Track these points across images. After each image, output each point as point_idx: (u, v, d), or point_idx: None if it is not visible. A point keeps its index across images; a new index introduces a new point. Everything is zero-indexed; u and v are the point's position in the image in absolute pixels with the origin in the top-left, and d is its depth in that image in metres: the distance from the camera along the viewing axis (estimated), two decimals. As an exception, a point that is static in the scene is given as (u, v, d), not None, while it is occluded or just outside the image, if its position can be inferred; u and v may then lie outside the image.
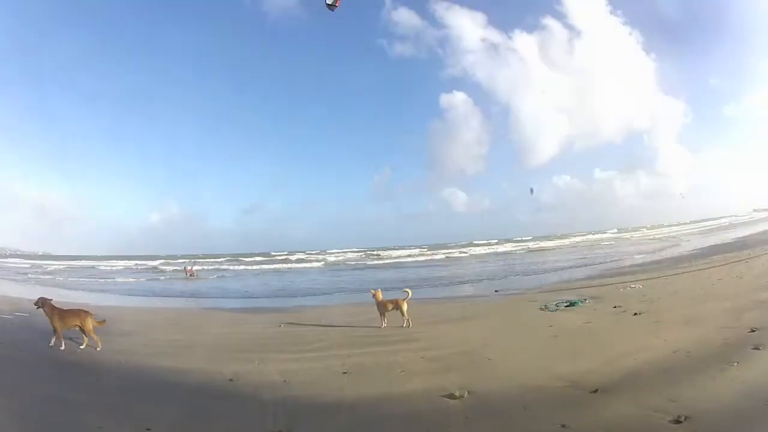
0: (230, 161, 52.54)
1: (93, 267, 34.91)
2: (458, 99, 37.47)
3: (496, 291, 14.58)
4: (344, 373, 6.00)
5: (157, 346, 7.90)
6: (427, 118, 47.72)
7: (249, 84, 49.21)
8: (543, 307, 9.89)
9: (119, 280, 26.38)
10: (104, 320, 7.77)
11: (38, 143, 47.51)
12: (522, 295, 12.97)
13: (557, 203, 43.25)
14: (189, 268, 29.20)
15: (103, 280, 25.85)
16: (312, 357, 6.96)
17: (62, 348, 7.13)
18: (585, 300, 10.06)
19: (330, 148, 51.97)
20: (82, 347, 7.31)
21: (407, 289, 9.59)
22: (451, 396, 4.77)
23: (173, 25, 47.67)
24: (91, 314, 7.53)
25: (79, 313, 7.41)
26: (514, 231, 50.28)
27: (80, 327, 7.33)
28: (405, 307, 9.15)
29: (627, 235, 41.86)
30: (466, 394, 4.78)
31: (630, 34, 34.30)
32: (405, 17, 37.13)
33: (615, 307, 9.08)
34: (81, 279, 26.29)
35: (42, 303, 7.31)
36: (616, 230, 45.82)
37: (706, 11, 37.75)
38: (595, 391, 4.50)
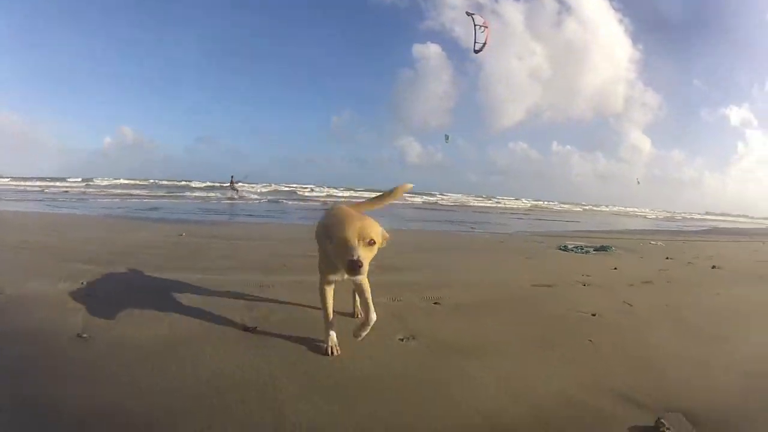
0: (189, 89, 49.94)
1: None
2: (432, 51, 34.25)
3: (472, 228, 11.68)
4: (246, 329, 2.48)
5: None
6: (397, 66, 44.37)
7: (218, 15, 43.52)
8: (563, 247, 6.97)
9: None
10: None
11: None
12: (510, 235, 10.10)
13: (509, 168, 42.52)
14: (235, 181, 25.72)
15: None
16: (195, 281, 3.53)
17: None
18: (613, 248, 7.32)
19: (290, 87, 49.73)
20: None
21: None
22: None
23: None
24: None
25: None
26: (463, 188, 48.10)
27: None
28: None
29: (577, 209, 41.35)
30: None
31: (621, 21, 33.10)
32: (391, -39, 31.86)
33: (667, 258, 6.44)
34: None
35: None
36: (562, 203, 45.57)
37: (705, 16, 36.83)
38: None
